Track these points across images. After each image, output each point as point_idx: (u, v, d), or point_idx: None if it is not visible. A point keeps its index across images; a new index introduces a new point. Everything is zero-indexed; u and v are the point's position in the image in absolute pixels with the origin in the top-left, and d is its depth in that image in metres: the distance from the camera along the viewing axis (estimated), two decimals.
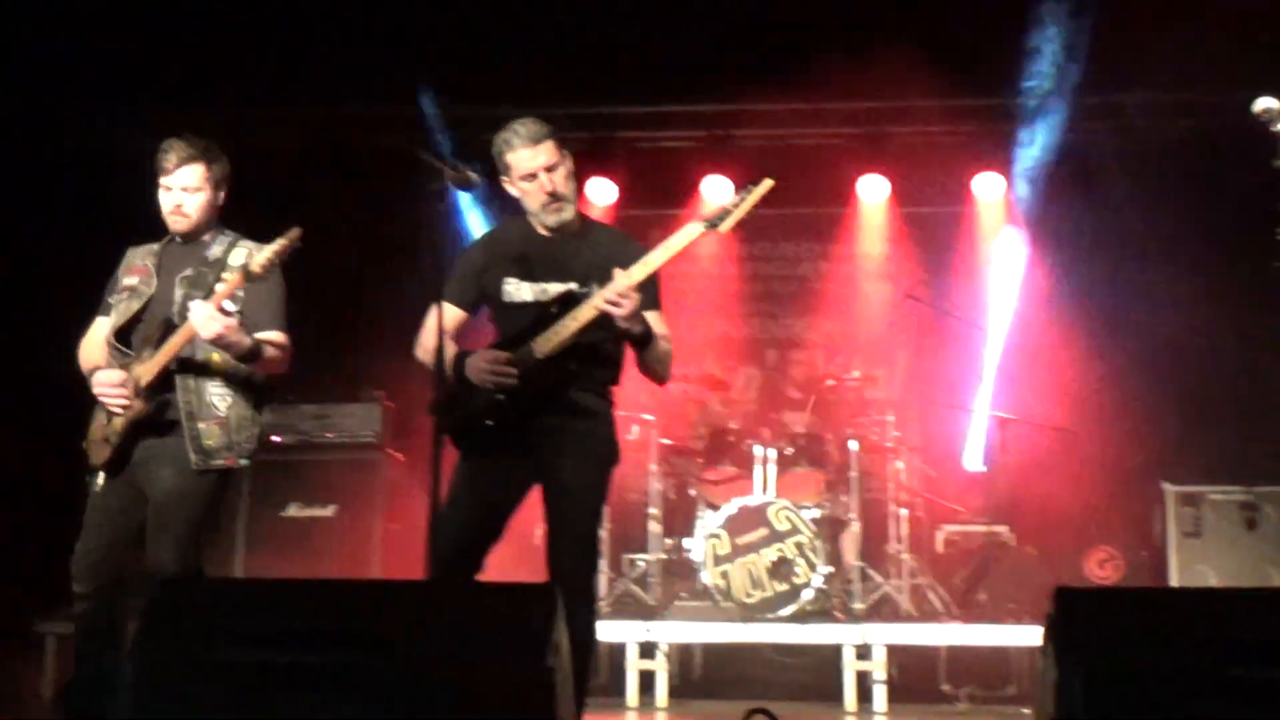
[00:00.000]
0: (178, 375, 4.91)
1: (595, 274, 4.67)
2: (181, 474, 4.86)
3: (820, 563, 7.71)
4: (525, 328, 4.69)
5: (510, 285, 4.79)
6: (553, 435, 4.63)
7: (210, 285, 4.96)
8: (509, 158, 4.76)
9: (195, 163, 5.04)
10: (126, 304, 5.07)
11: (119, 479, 4.94)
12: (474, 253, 4.95)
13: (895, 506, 8.51)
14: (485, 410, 4.60)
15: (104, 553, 4.89)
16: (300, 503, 8.65)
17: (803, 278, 10.66)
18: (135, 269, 5.16)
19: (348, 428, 8.85)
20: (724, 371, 9.93)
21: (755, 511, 7.90)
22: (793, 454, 8.48)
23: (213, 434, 4.91)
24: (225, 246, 5.11)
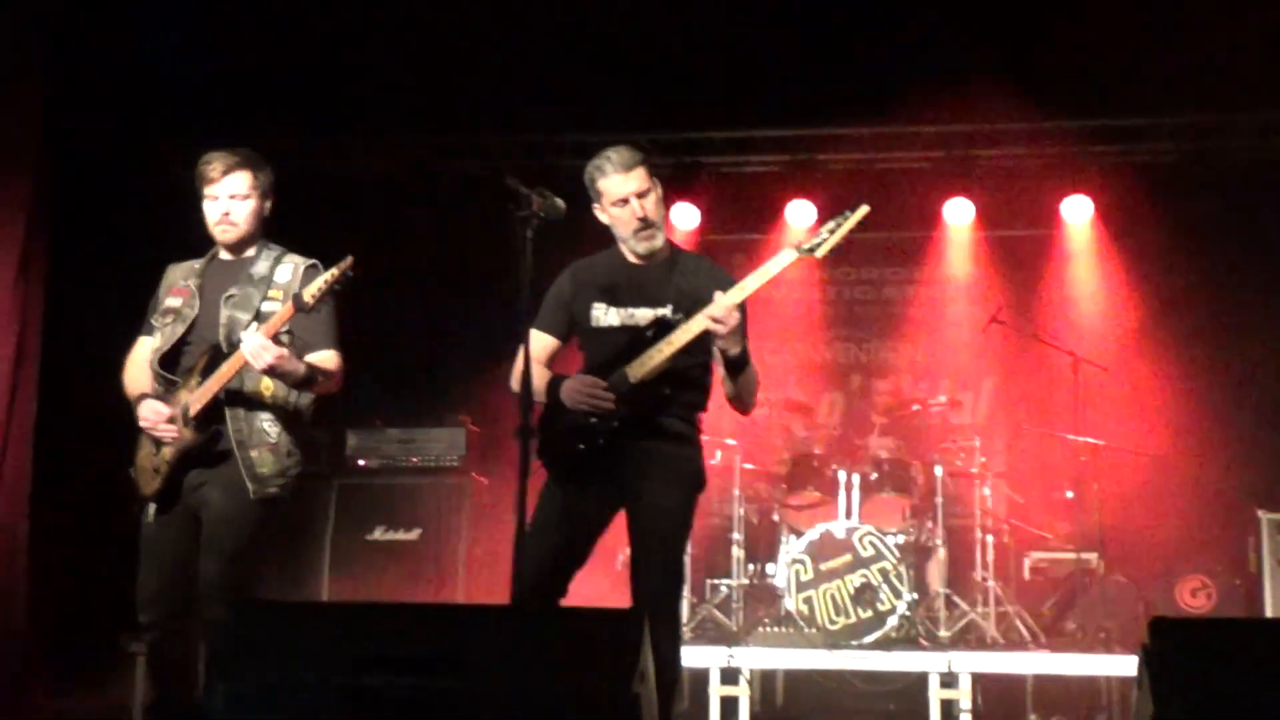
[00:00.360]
0: (227, 407, 4.85)
1: (684, 301, 4.69)
2: (232, 499, 4.81)
3: (905, 589, 7.62)
4: (614, 353, 4.71)
5: (598, 311, 4.82)
6: (641, 458, 4.65)
7: (256, 305, 4.89)
8: (601, 184, 4.79)
9: (242, 170, 4.97)
10: (171, 328, 4.98)
11: (173, 508, 4.89)
12: (563, 282, 4.97)
13: (981, 533, 8.39)
14: (578, 433, 4.62)
15: (165, 581, 4.85)
16: (385, 526, 8.70)
17: (887, 301, 10.58)
18: (177, 289, 5.06)
19: (433, 452, 8.90)
20: (807, 396, 9.87)
21: (839, 537, 7.83)
22: (877, 479, 8.41)
23: (266, 461, 4.87)
24: (271, 262, 5.02)
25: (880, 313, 10.57)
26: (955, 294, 10.40)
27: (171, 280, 5.12)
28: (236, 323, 4.87)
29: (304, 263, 5.02)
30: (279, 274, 4.98)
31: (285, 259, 5.04)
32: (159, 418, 4.83)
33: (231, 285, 4.96)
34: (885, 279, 10.59)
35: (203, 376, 4.82)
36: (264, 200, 5.05)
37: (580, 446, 4.61)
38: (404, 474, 8.90)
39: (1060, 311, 9.87)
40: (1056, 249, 10.08)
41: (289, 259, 5.04)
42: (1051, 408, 9.32)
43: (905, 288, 10.54)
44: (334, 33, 8.50)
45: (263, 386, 4.88)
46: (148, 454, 4.94)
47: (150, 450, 4.92)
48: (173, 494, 4.87)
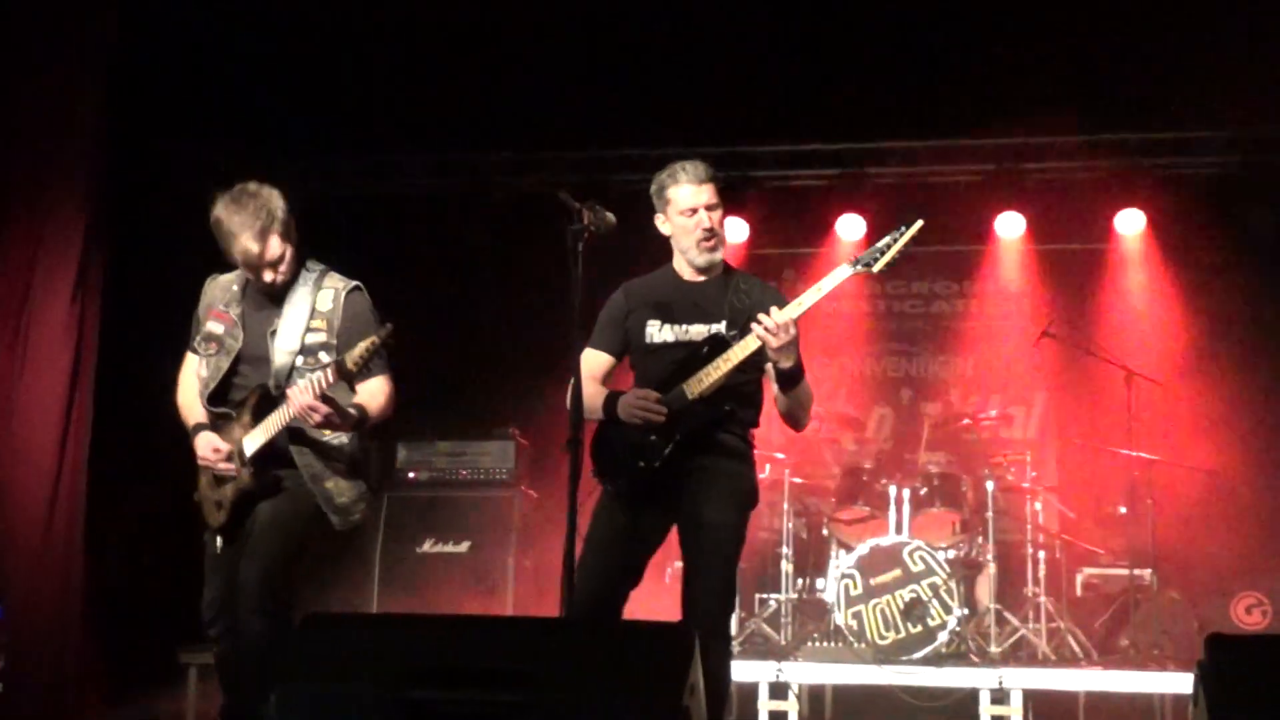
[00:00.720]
0: (293, 446, 4.85)
1: (738, 318, 4.73)
2: (283, 508, 4.83)
3: (955, 605, 7.58)
4: (669, 370, 4.74)
5: (653, 328, 4.85)
6: (698, 475, 4.67)
7: (300, 338, 4.87)
8: (672, 191, 4.85)
9: (274, 233, 4.83)
10: (215, 359, 4.95)
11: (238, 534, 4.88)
12: (617, 300, 5.00)
13: (1032, 548, 8.35)
14: (637, 451, 4.63)
15: (224, 600, 4.85)
16: (435, 539, 8.75)
17: (938, 315, 10.54)
18: (217, 312, 5.02)
19: (482, 465, 8.94)
20: (857, 410, 9.85)
21: (889, 552, 7.80)
22: (927, 494, 8.37)
23: (344, 490, 4.88)
24: (311, 286, 4.97)
25: (931, 327, 10.54)
26: (1006, 308, 10.35)
27: (211, 299, 5.09)
28: (284, 363, 4.86)
29: (345, 287, 5.00)
30: (320, 301, 4.95)
31: (325, 282, 4.99)
32: (218, 455, 4.84)
33: (274, 319, 4.93)
34: (935, 293, 10.55)
35: (254, 417, 4.83)
36: (291, 239, 4.93)
37: (639, 464, 4.62)
38: (453, 487, 8.95)
39: (1113, 325, 9.80)
40: (1109, 263, 10.01)
41: (329, 282, 5.00)
42: (1104, 422, 9.25)
43: (956, 301, 10.50)
44: (388, 51, 8.59)
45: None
46: (208, 484, 4.95)
47: (211, 481, 4.93)
48: (238, 525, 4.89)
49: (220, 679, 5.04)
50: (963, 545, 8.26)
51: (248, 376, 4.92)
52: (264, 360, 4.90)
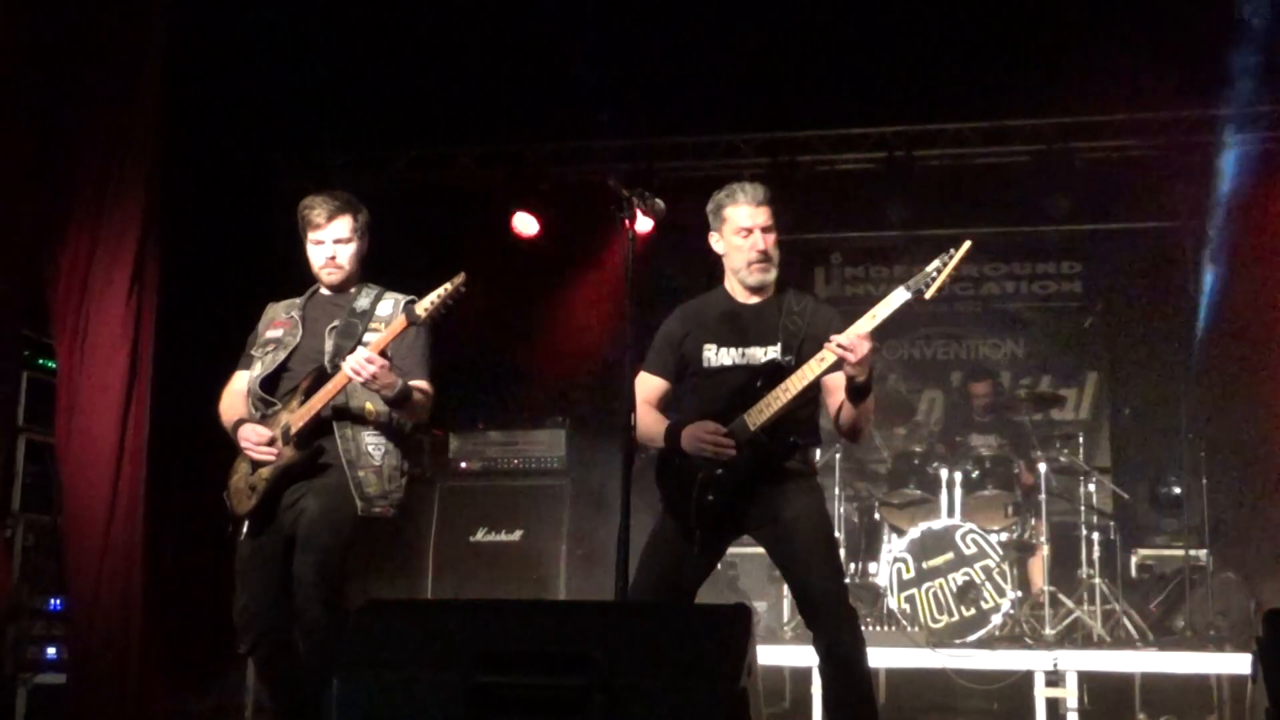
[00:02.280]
0: (335, 423, 4.93)
1: (792, 341, 4.72)
2: (332, 501, 4.88)
3: (1009, 587, 7.59)
4: (727, 394, 4.73)
5: (709, 351, 4.84)
6: (767, 499, 4.66)
7: (359, 335, 4.98)
8: (729, 210, 4.84)
9: (345, 214, 5.08)
10: (272, 355, 5.06)
11: (267, 527, 4.95)
12: (673, 323, 4.99)
13: (1086, 529, 8.32)
14: (708, 486, 4.61)
15: (262, 603, 4.91)
16: (487, 528, 8.82)
17: (987, 298, 10.52)
18: (279, 321, 5.17)
19: (534, 454, 9.01)
20: (907, 394, 9.84)
21: (941, 535, 7.81)
22: (979, 476, 8.37)
23: (371, 482, 4.94)
24: (372, 298, 5.12)
25: (980, 309, 10.52)
26: (1056, 289, 10.31)
27: (272, 315, 5.24)
28: (341, 349, 4.96)
29: (404, 299, 5.09)
30: (380, 308, 5.09)
31: (385, 296, 5.15)
32: (260, 438, 4.91)
33: (335, 318, 5.08)
34: (986, 275, 10.54)
35: (305, 396, 4.92)
36: (363, 240, 5.16)
37: (710, 498, 4.62)
38: (506, 476, 9.03)
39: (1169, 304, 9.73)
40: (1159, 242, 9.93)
41: (388, 295, 5.15)
42: (1158, 402, 9.21)
43: (1005, 284, 10.48)
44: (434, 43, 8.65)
45: (366, 408, 4.97)
46: (243, 475, 5.02)
47: (246, 471, 5.01)
48: (267, 513, 4.95)
49: (268, 685, 5.10)
50: (1015, 528, 8.26)
51: (300, 370, 5.01)
52: (320, 354, 5.01)
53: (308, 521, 4.86)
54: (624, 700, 2.85)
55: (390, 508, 5.01)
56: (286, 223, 5.26)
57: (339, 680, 3.13)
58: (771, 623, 8.46)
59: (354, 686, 3.12)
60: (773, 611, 8.57)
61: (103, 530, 6.53)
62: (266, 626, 4.91)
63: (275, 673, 5.00)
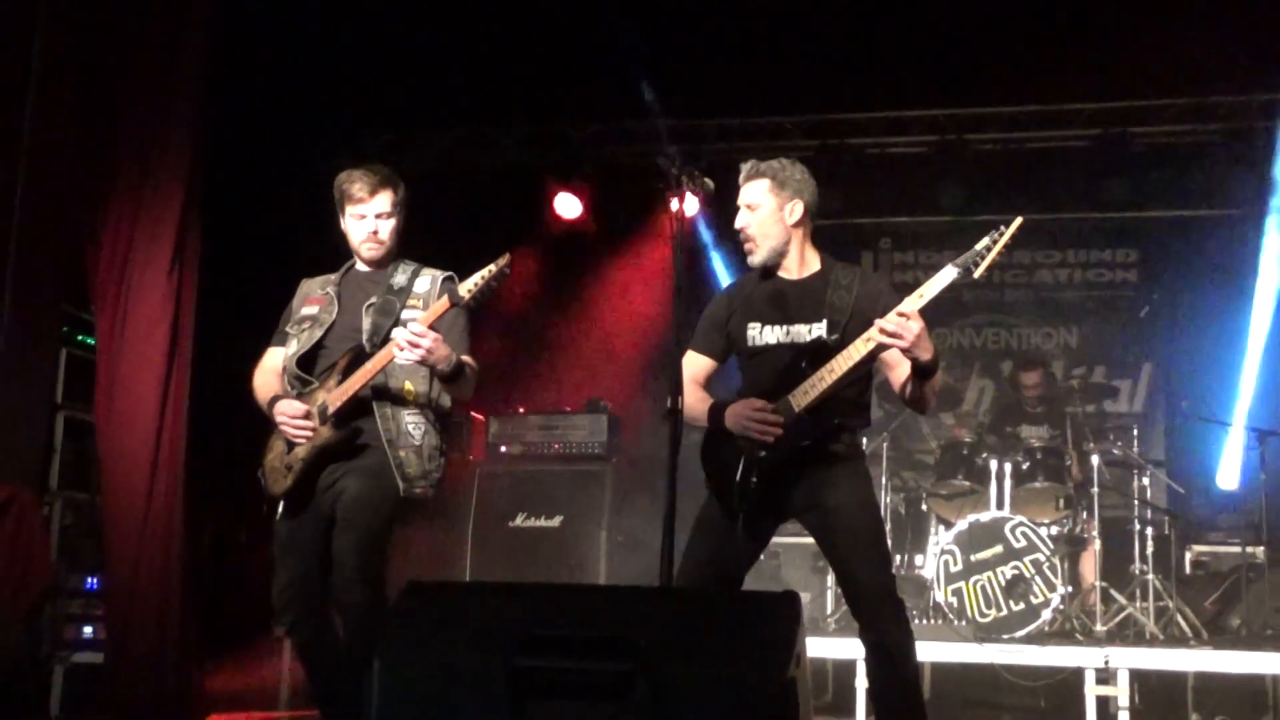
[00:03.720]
0: (375, 402, 4.91)
1: (838, 317, 4.66)
2: (372, 483, 4.88)
3: (1059, 582, 7.55)
4: (772, 373, 4.69)
5: (754, 330, 4.81)
6: (814, 481, 4.62)
7: (397, 313, 4.98)
8: None
9: (386, 188, 5.07)
10: (309, 332, 5.04)
11: (305, 509, 4.95)
12: (720, 303, 4.97)
13: (1139, 524, 8.26)
14: (752, 469, 4.59)
15: (301, 583, 4.92)
16: (526, 513, 8.83)
17: (1039, 285, 10.45)
18: (314, 299, 5.15)
19: (574, 438, 9.00)
20: (956, 382, 9.80)
21: (990, 528, 7.78)
22: (1029, 468, 8.32)
23: (411, 462, 4.93)
24: (409, 275, 5.10)
25: (1032, 297, 10.46)
26: (1111, 277, 10.23)
27: (307, 291, 5.22)
28: (379, 327, 4.95)
29: (441, 274, 5.09)
30: (418, 285, 5.08)
31: (423, 272, 5.13)
32: (296, 412, 4.90)
33: (373, 295, 5.07)
34: (1038, 262, 10.47)
35: (343, 376, 4.90)
36: (403, 216, 5.16)
37: (754, 481, 4.59)
38: (545, 460, 9.04)
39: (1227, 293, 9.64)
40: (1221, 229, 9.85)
41: (426, 272, 5.13)
42: (1215, 393, 9.13)
43: (1058, 271, 10.41)
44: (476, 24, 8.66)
45: (405, 388, 4.97)
46: (279, 454, 5.01)
47: (282, 450, 5.00)
48: (304, 493, 4.95)
49: (306, 666, 5.11)
50: (1066, 521, 8.22)
51: (337, 348, 5.01)
52: (357, 332, 5.00)
53: (348, 501, 4.86)
54: (669, 687, 2.84)
55: (430, 488, 5.01)
56: (325, 201, 5.26)
57: (380, 663, 3.14)
58: (815, 614, 8.44)
59: (395, 669, 3.12)
60: (817, 602, 8.55)
61: (142, 508, 6.59)
62: (306, 607, 4.92)
63: (314, 654, 5.01)
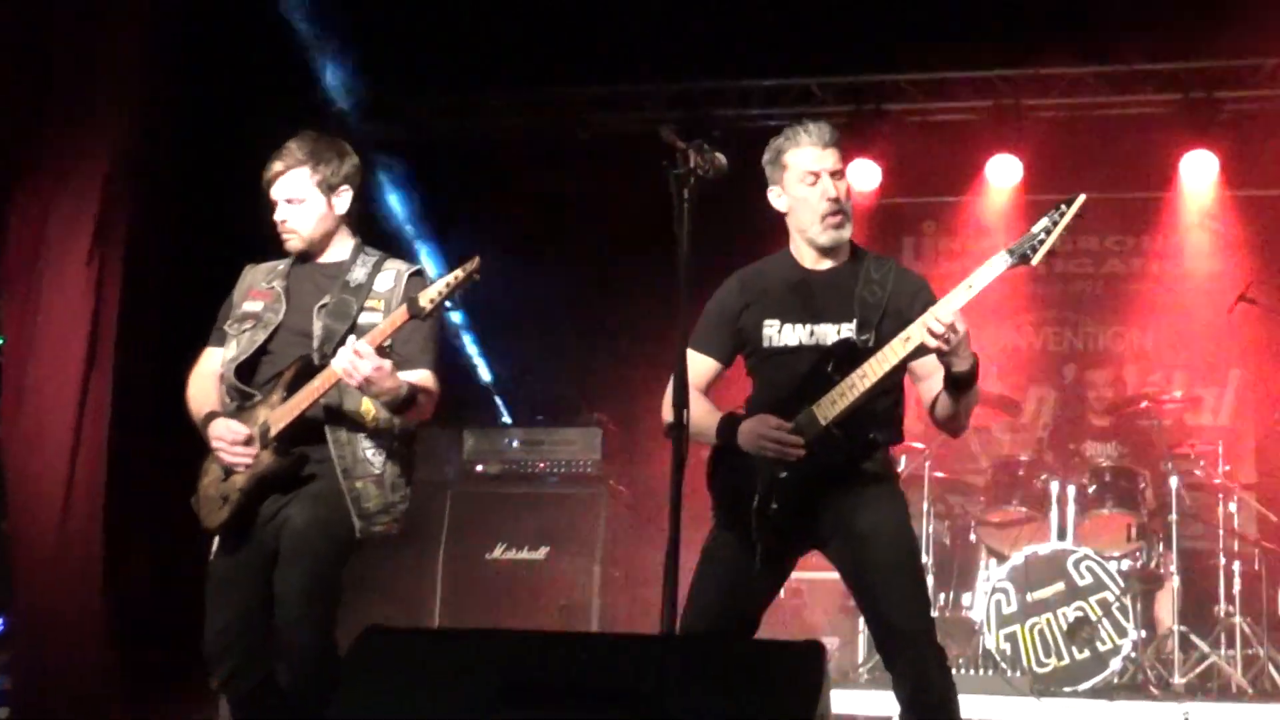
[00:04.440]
0: (328, 427, 4.91)
1: (869, 315, 4.68)
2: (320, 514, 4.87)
3: (1131, 626, 7.57)
4: (791, 381, 4.69)
5: (771, 329, 4.81)
6: (840, 506, 4.63)
7: (353, 316, 4.97)
8: (791, 155, 4.80)
9: (298, 168, 5.03)
10: (250, 334, 5.04)
11: (244, 543, 4.95)
12: (729, 293, 4.96)
13: (1225, 558, 8.28)
14: (770, 492, 4.59)
15: (238, 630, 4.92)
16: (507, 543, 8.83)
17: (1109, 277, 10.47)
18: (258, 292, 5.14)
19: (564, 456, 9.01)
20: (1011, 391, 9.81)
21: (1050, 561, 7.80)
22: (1096, 492, 8.34)
23: (371, 494, 4.93)
24: (370, 268, 5.09)
25: (1101, 290, 10.47)
26: (1194, 267, 10.26)
27: (250, 282, 5.21)
28: (332, 334, 4.94)
29: (407, 269, 5.11)
30: (379, 282, 5.07)
31: (386, 265, 5.13)
32: (235, 437, 4.89)
33: (325, 294, 5.05)
34: (1107, 250, 10.48)
35: (288, 391, 4.89)
36: (331, 196, 5.10)
37: (774, 506, 4.59)
38: (530, 482, 9.04)
39: None
40: None
41: (389, 265, 5.13)
42: None
43: (1132, 260, 10.43)
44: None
45: (363, 409, 4.96)
46: (214, 480, 5.01)
47: (218, 476, 4.99)
48: (243, 527, 4.95)
49: None
50: (1140, 554, 8.22)
51: (281, 356, 5.00)
52: (305, 338, 4.99)
53: (293, 532, 4.87)
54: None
55: (393, 523, 5.01)
56: None
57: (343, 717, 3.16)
58: (844, 663, 8.45)
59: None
60: (846, 649, 8.57)
61: (55, 536, 6.61)
62: (244, 656, 4.92)
63: (253, 712, 4.99)
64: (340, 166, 5.10)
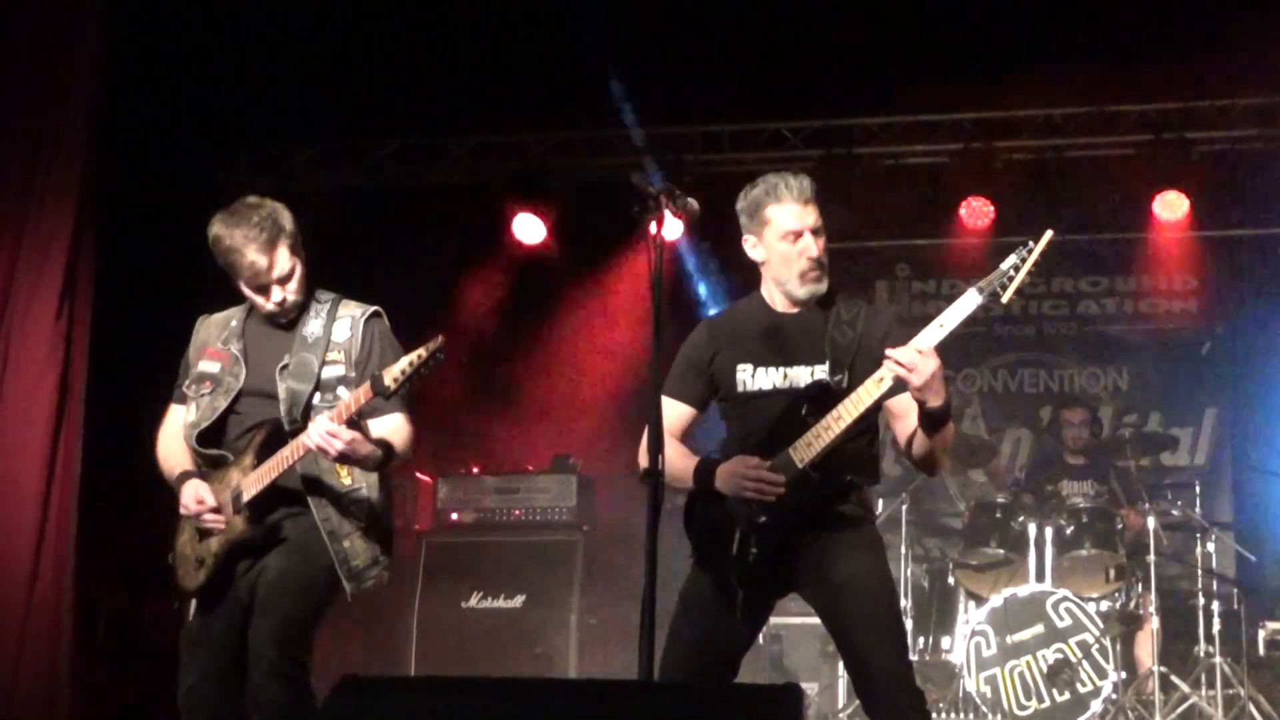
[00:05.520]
0: (310, 497, 4.90)
1: (842, 356, 4.68)
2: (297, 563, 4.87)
3: (1111, 667, 7.57)
4: (767, 424, 4.69)
5: (744, 373, 4.80)
6: (818, 550, 4.62)
7: (316, 372, 4.94)
8: (771, 210, 4.75)
9: (280, 246, 4.92)
10: (209, 399, 5.00)
11: (221, 601, 4.93)
12: (698, 341, 4.95)
13: (1204, 598, 8.29)
14: (745, 535, 4.59)
15: (213, 684, 4.89)
16: (482, 592, 8.81)
17: (1085, 318, 10.50)
18: (214, 351, 5.09)
19: (539, 503, 9.00)
20: (988, 433, 9.83)
21: (1029, 603, 7.81)
22: (1074, 533, 8.35)
23: (359, 550, 4.93)
24: (325, 318, 5.06)
25: (1076, 331, 10.51)
26: (1167, 308, 10.30)
27: (205, 339, 5.17)
28: (298, 397, 4.92)
29: (362, 314, 5.08)
30: (336, 332, 5.04)
31: (340, 311, 5.09)
32: (202, 507, 4.88)
33: (284, 353, 5.01)
34: (1082, 291, 10.53)
35: (258, 457, 4.88)
36: (301, 253, 5.02)
37: (753, 550, 4.58)
38: (504, 530, 9.03)
39: None
40: None
41: (344, 310, 5.09)
42: None
43: (1106, 301, 10.47)
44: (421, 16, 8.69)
45: (338, 469, 4.93)
46: (189, 540, 5.00)
47: (193, 536, 4.98)
48: (220, 588, 4.94)
49: None
50: (1119, 595, 8.23)
51: (248, 417, 4.97)
52: (270, 398, 4.96)
53: (267, 583, 4.86)
54: None
55: (384, 572, 5.01)
56: None
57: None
58: (825, 708, 8.45)
59: None
60: (826, 694, 8.56)
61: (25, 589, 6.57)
62: (218, 711, 4.89)
63: None
64: (290, 217, 5.00)
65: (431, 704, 3.23)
